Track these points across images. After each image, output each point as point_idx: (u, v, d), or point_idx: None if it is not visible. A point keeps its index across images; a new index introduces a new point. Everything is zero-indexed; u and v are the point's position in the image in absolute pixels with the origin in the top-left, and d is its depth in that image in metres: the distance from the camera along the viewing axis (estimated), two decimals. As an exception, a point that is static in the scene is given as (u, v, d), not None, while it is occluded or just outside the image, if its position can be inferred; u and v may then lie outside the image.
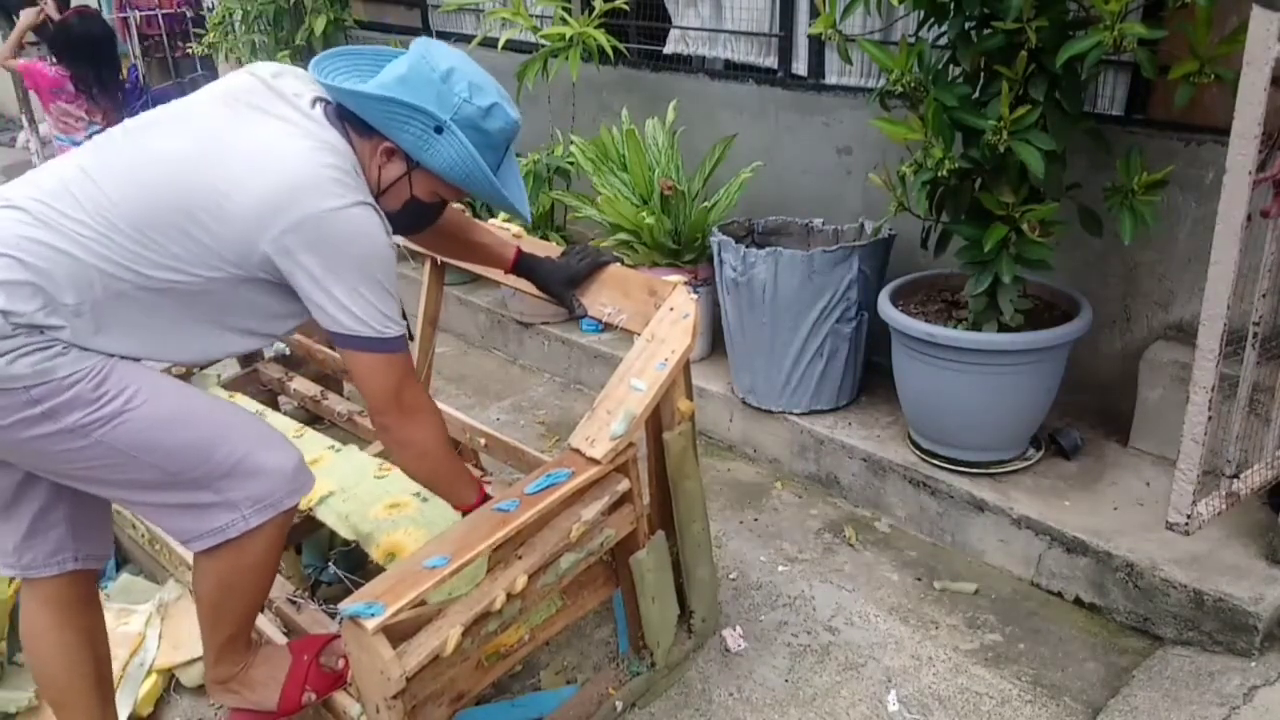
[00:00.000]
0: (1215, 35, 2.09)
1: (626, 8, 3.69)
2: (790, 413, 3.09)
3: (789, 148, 3.48)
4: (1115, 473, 2.70)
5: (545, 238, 3.45)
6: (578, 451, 1.89)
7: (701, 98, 3.70)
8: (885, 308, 2.73)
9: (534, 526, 1.80)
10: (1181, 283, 2.69)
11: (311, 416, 3.02)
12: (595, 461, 1.87)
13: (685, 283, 2.15)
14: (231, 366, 3.32)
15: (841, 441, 2.95)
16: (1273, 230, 2.03)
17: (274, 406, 3.10)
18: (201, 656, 2.30)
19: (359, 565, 2.49)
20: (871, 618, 2.46)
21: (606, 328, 2.19)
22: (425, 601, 1.65)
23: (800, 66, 3.45)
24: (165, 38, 5.44)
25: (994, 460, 2.70)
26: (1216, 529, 2.33)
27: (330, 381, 3.18)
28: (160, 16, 5.35)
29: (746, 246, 2.96)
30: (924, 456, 2.79)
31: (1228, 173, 1.84)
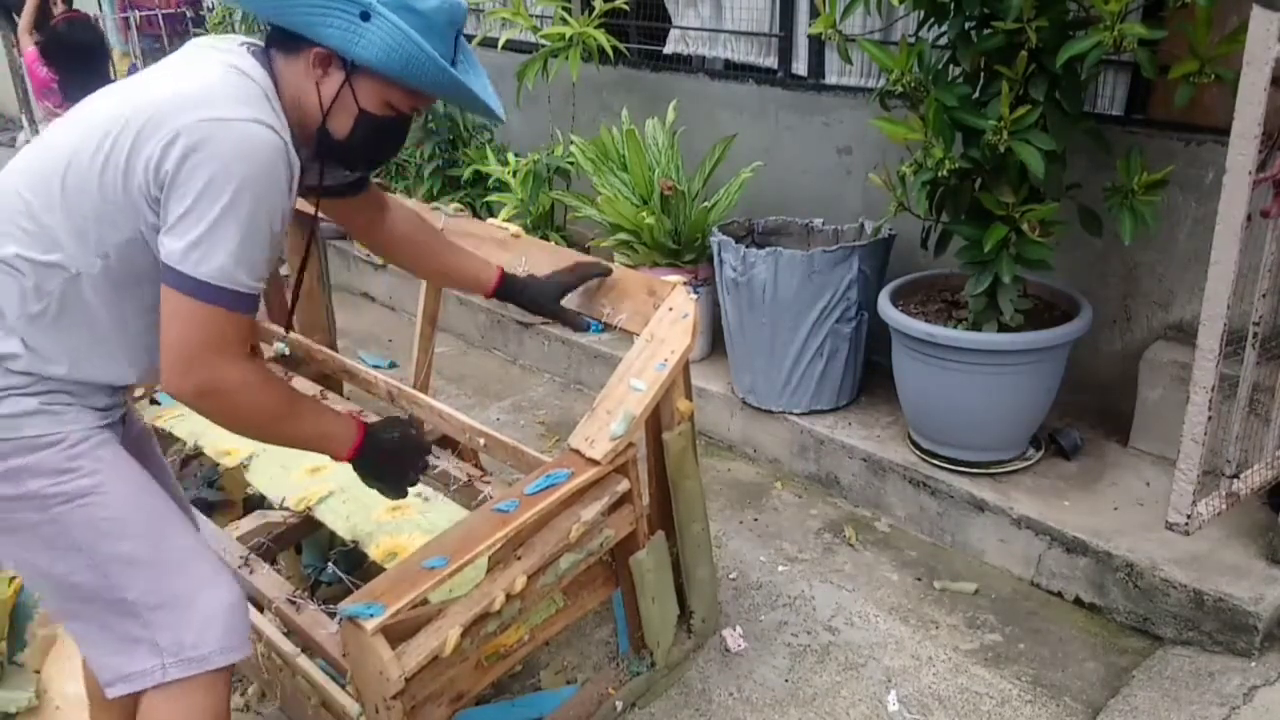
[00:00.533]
0: (1215, 35, 2.09)
1: (626, 8, 3.69)
2: (790, 413, 3.09)
3: (789, 148, 3.48)
4: (1115, 473, 2.69)
5: (545, 238, 3.45)
6: (577, 452, 1.89)
7: (701, 98, 3.70)
8: (885, 308, 2.73)
9: (533, 527, 1.80)
10: (1181, 283, 2.69)
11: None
12: (595, 462, 1.87)
13: (685, 283, 2.15)
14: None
15: (841, 441, 2.95)
16: (1273, 230, 2.03)
17: (274, 406, 3.09)
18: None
19: (359, 565, 2.49)
20: (871, 618, 2.46)
21: (606, 328, 2.18)
22: (425, 601, 1.65)
23: (800, 66, 3.45)
24: (165, 38, 5.44)
25: (994, 460, 2.70)
26: (1216, 529, 2.33)
27: (330, 381, 3.18)
28: (160, 16, 5.35)
29: (746, 246, 2.96)
30: (924, 456, 2.79)
31: (1228, 173, 1.84)
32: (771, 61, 3.55)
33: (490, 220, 2.65)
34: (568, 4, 3.68)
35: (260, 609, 2.16)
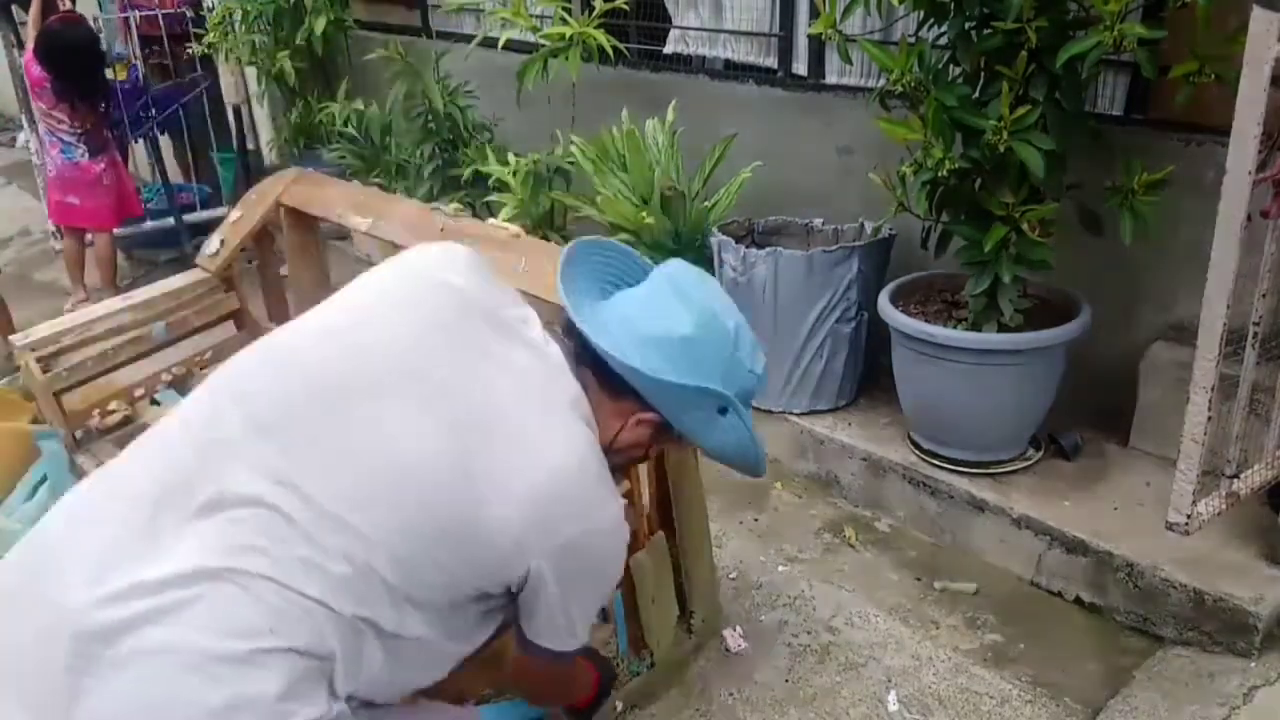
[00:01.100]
0: (1215, 35, 2.08)
1: (626, 8, 3.68)
2: (790, 413, 3.09)
3: (789, 148, 3.48)
4: (1115, 473, 2.69)
5: (545, 238, 3.45)
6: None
7: (701, 98, 3.70)
8: (885, 308, 2.73)
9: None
10: (1181, 283, 2.68)
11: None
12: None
13: (685, 283, 2.15)
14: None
15: (841, 441, 2.95)
16: (1273, 230, 2.03)
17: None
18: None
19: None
20: (871, 618, 2.46)
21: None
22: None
23: (800, 66, 3.45)
24: (165, 38, 5.43)
25: (994, 460, 2.70)
26: (1216, 529, 2.33)
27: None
28: (160, 16, 5.33)
29: (746, 246, 2.96)
30: (924, 456, 2.79)
31: (1228, 173, 1.84)
32: (771, 61, 3.55)
33: (490, 220, 2.64)
34: (568, 4, 3.68)
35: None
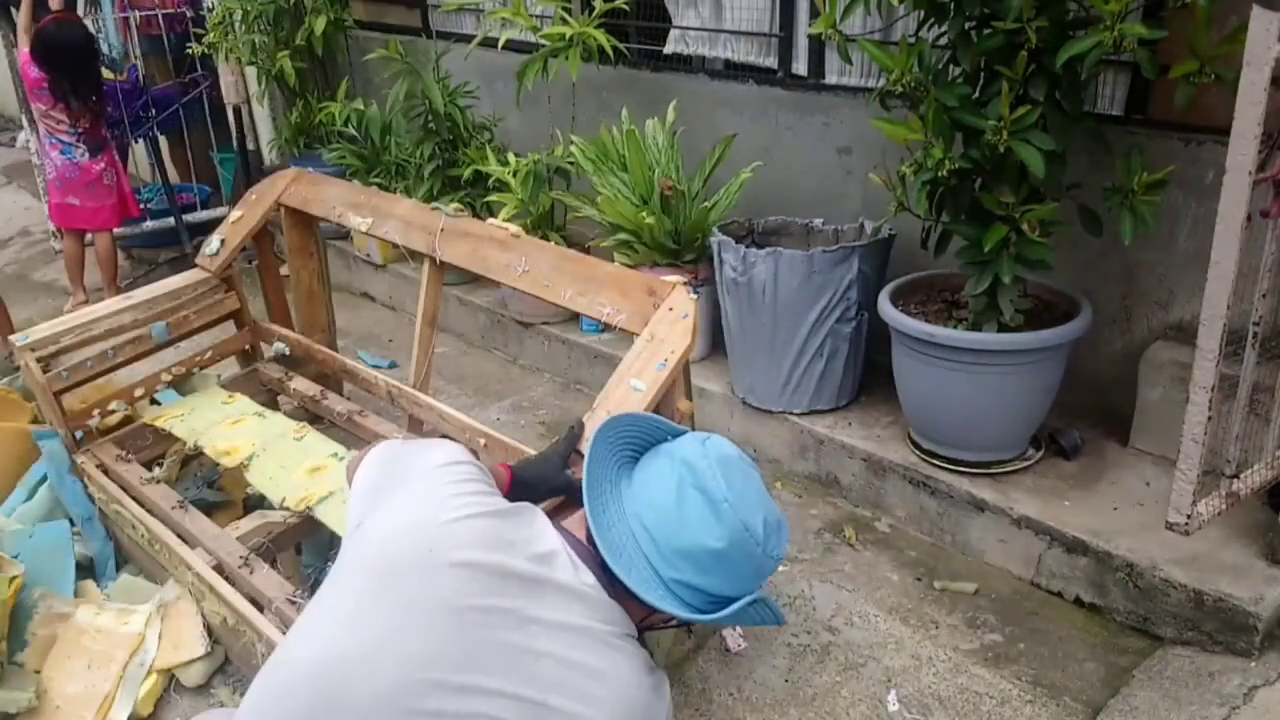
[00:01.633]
0: (1215, 35, 2.09)
1: (626, 8, 3.69)
2: (790, 413, 3.09)
3: (789, 148, 3.48)
4: (1115, 473, 2.69)
5: (545, 238, 3.45)
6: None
7: (701, 98, 3.70)
8: (885, 308, 2.73)
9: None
10: (1181, 283, 2.69)
11: (312, 416, 3.02)
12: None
13: (685, 283, 2.15)
14: (231, 366, 3.32)
15: (841, 441, 2.95)
16: (1273, 230, 2.03)
17: (274, 406, 3.10)
18: (201, 656, 2.32)
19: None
20: (871, 618, 2.46)
21: (606, 328, 2.19)
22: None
23: (800, 66, 3.45)
24: (165, 38, 5.42)
25: (994, 460, 2.70)
26: (1216, 529, 2.33)
27: (330, 381, 3.18)
28: (160, 16, 5.33)
29: (746, 246, 2.96)
30: (924, 456, 2.79)
31: (1228, 173, 1.84)
32: (771, 61, 3.55)
33: (490, 220, 2.65)
34: (568, 4, 3.68)
35: (260, 609, 2.16)
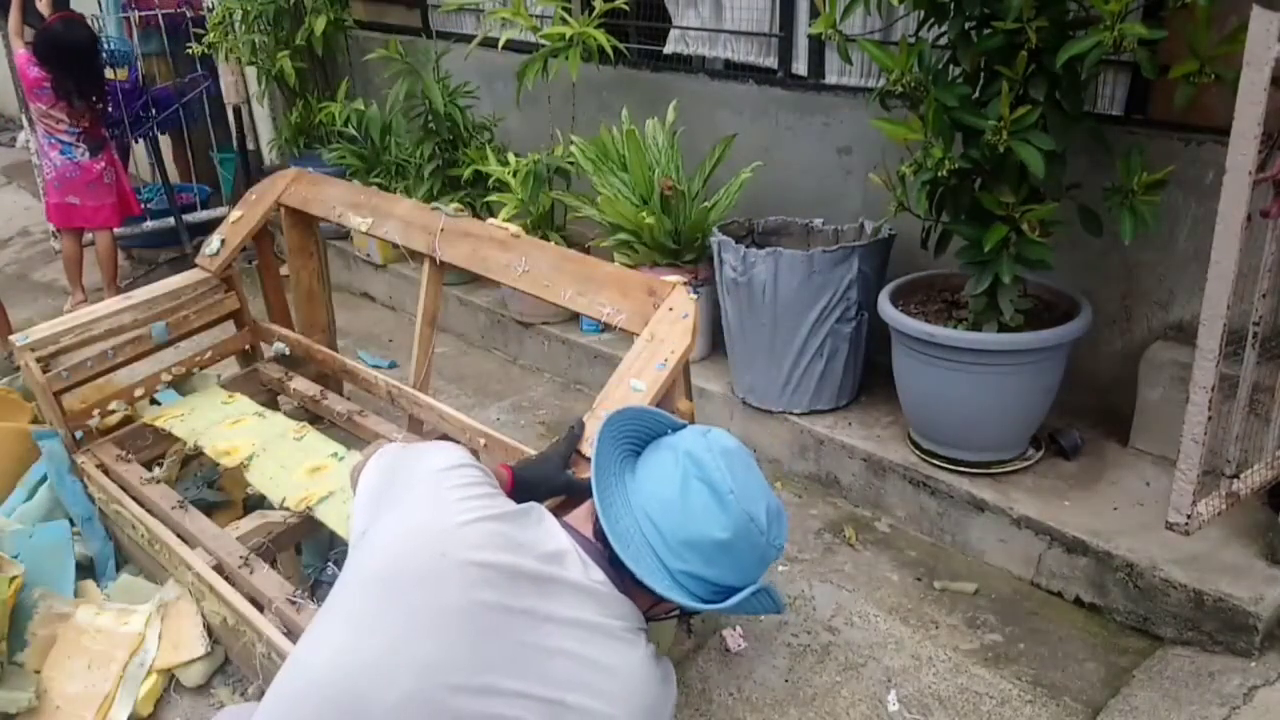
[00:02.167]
0: (1215, 35, 2.09)
1: (626, 8, 3.69)
2: (790, 413, 3.09)
3: (789, 148, 3.48)
4: (1115, 473, 2.69)
5: (545, 238, 3.45)
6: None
7: (701, 98, 3.70)
8: (885, 308, 2.73)
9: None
10: (1181, 283, 2.69)
11: (312, 416, 3.02)
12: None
13: (685, 283, 2.15)
14: (231, 366, 3.32)
15: (841, 441, 2.95)
16: (1273, 230, 2.03)
17: (274, 406, 3.10)
18: (201, 656, 2.32)
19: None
20: (871, 618, 2.46)
21: (606, 328, 2.19)
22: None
23: (800, 66, 3.45)
24: (165, 38, 5.43)
25: (994, 460, 2.70)
26: (1216, 529, 2.33)
27: (330, 381, 3.18)
28: (160, 16, 5.33)
29: (746, 246, 2.96)
30: (924, 456, 2.79)
31: (1228, 173, 1.84)
32: (771, 61, 3.55)
33: (490, 220, 2.64)
34: (568, 4, 3.68)
35: (260, 609, 2.16)
